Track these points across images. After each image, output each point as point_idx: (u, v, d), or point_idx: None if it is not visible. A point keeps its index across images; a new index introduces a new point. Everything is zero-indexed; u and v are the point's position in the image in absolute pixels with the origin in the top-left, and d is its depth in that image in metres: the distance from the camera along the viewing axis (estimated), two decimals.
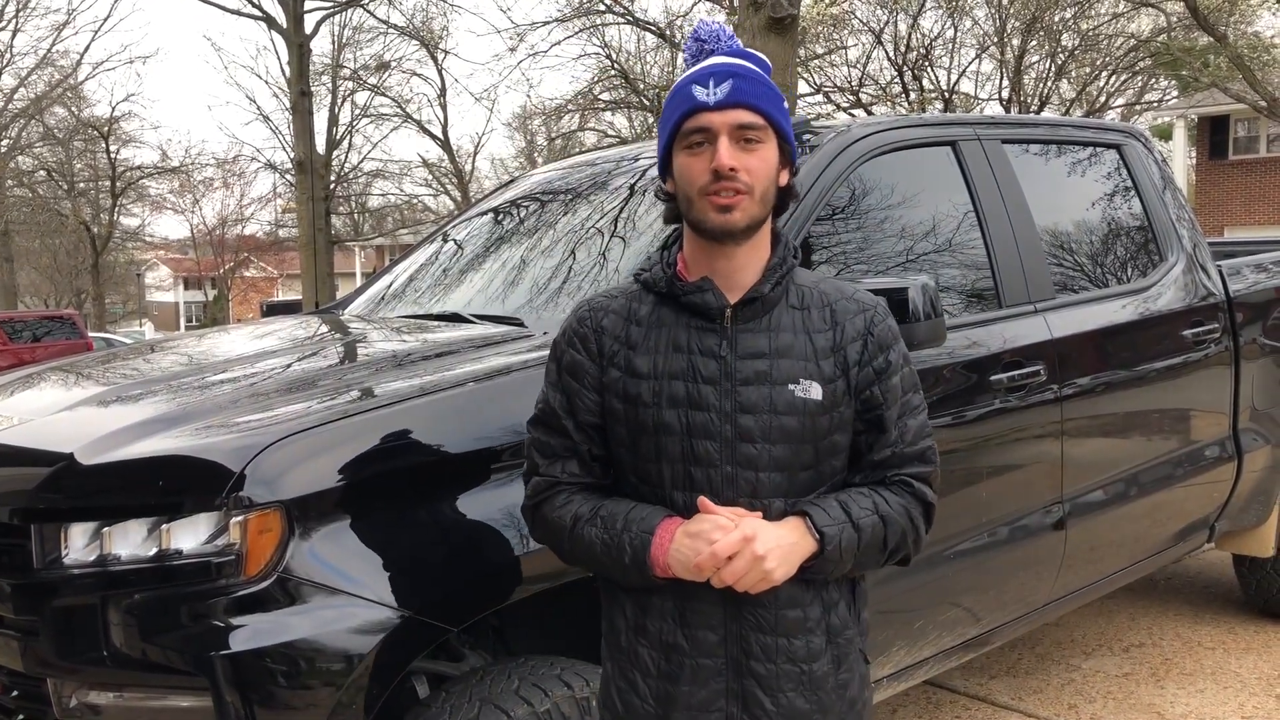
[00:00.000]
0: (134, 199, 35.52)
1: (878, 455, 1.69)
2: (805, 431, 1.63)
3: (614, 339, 1.70)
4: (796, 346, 1.64)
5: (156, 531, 2.04)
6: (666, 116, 1.66)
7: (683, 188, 1.64)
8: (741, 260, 1.66)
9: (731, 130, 1.60)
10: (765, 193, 1.63)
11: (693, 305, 1.66)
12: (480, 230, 3.79)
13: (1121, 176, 3.96)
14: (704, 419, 1.62)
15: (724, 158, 1.58)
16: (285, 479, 2.04)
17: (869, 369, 1.67)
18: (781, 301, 1.67)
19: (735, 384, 1.62)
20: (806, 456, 1.64)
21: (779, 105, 1.66)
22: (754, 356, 1.63)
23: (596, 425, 1.71)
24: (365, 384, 2.40)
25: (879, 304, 1.72)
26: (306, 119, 18.60)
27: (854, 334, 1.67)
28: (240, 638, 1.99)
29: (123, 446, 2.15)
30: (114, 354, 3.35)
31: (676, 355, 1.65)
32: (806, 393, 1.62)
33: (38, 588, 2.09)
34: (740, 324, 1.65)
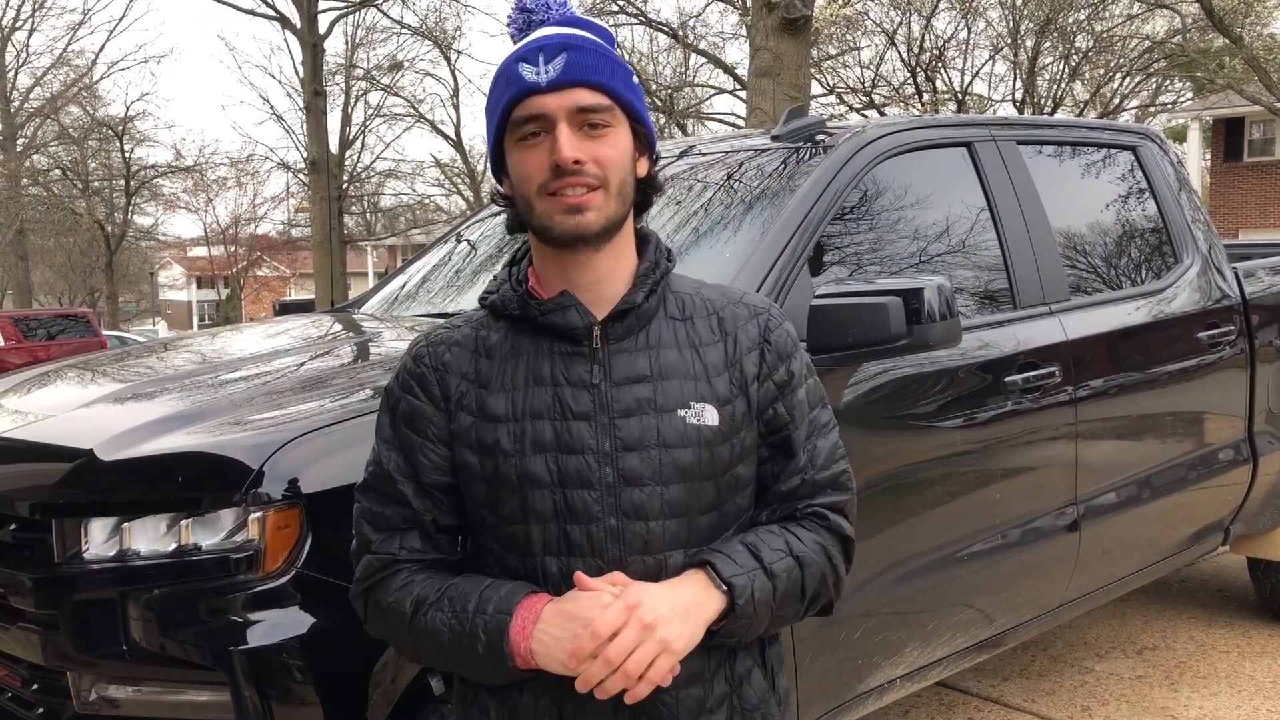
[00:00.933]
0: (148, 198, 35.69)
1: (785, 484, 1.44)
2: (703, 466, 1.37)
3: (460, 377, 1.41)
4: (683, 364, 1.39)
5: (176, 527, 2.05)
6: (492, 103, 1.39)
7: (520, 189, 1.37)
8: (603, 269, 1.39)
9: (571, 114, 1.33)
10: (622, 185, 1.37)
11: (553, 326, 1.38)
12: (494, 230, 3.81)
13: (1137, 178, 3.95)
14: (579, 464, 1.35)
15: (565, 148, 1.32)
16: (303, 476, 2.05)
17: (769, 383, 1.43)
18: (659, 313, 1.42)
19: (614, 416, 1.36)
20: (707, 497, 1.38)
21: (626, 80, 1.39)
22: (634, 381, 1.37)
23: (446, 486, 1.42)
24: (381, 382, 2.41)
25: (771, 307, 1.49)
26: (320, 119, 18.68)
27: (749, 343, 1.43)
28: (258, 633, 2.01)
29: (142, 443, 2.17)
30: (129, 352, 3.37)
31: (539, 389, 1.37)
32: (700, 418, 1.37)
33: (58, 582, 2.10)
34: (613, 343, 1.38)
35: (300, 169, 29.52)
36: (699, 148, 3.57)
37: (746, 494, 1.44)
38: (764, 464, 1.45)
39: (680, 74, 26.80)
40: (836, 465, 1.47)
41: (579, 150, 1.33)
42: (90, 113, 32.26)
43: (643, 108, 1.41)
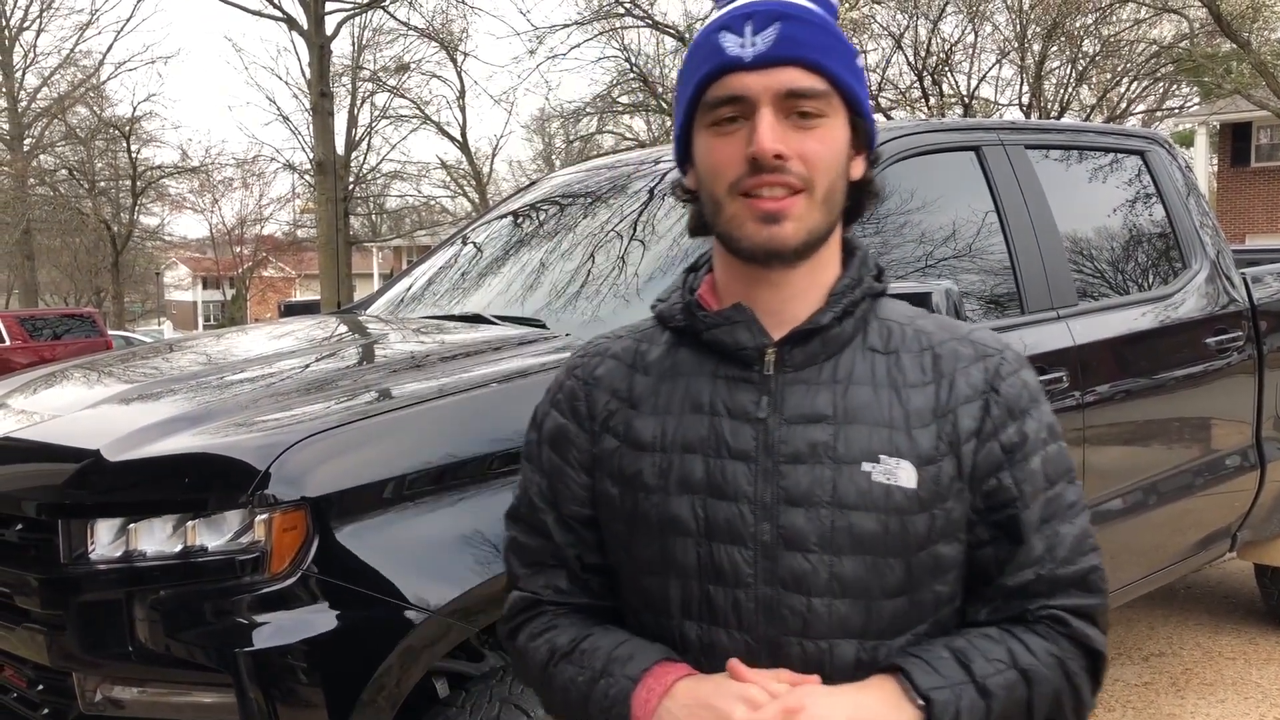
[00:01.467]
0: (154, 198, 35.74)
1: (1013, 578, 1.14)
2: (890, 537, 1.10)
3: (610, 394, 1.22)
4: (877, 407, 1.13)
5: (182, 528, 2.05)
6: (685, 78, 1.17)
7: (706, 184, 1.14)
8: (796, 287, 1.16)
9: (777, 98, 1.10)
10: (830, 191, 1.12)
11: (719, 344, 1.16)
12: (501, 232, 3.81)
13: (1145, 183, 3.94)
14: (730, 513, 1.12)
15: (765, 138, 1.08)
16: (310, 477, 2.05)
17: (993, 445, 1.14)
18: (856, 341, 1.16)
19: (779, 461, 1.12)
20: (893, 577, 1.11)
21: (849, 62, 1.14)
22: (809, 420, 1.12)
23: (588, 519, 1.23)
24: (388, 384, 2.41)
25: (1007, 349, 1.19)
26: (327, 120, 18.68)
27: (969, 390, 1.14)
28: (264, 634, 2.00)
29: (148, 444, 2.17)
30: (135, 352, 3.37)
31: (695, 418, 1.16)
32: (891, 477, 1.10)
33: (64, 583, 2.10)
34: (789, 371, 1.15)
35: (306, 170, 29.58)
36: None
37: (949, 580, 1.15)
38: (982, 547, 1.15)
39: None
40: (1085, 559, 1.16)
41: (782, 142, 1.09)
42: (97, 113, 32.33)
43: (865, 96, 1.17)
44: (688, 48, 1.23)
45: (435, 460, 2.18)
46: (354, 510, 2.08)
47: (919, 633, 1.14)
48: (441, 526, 2.15)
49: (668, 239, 3.11)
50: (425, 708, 2.22)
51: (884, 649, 1.12)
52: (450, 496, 2.18)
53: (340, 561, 2.05)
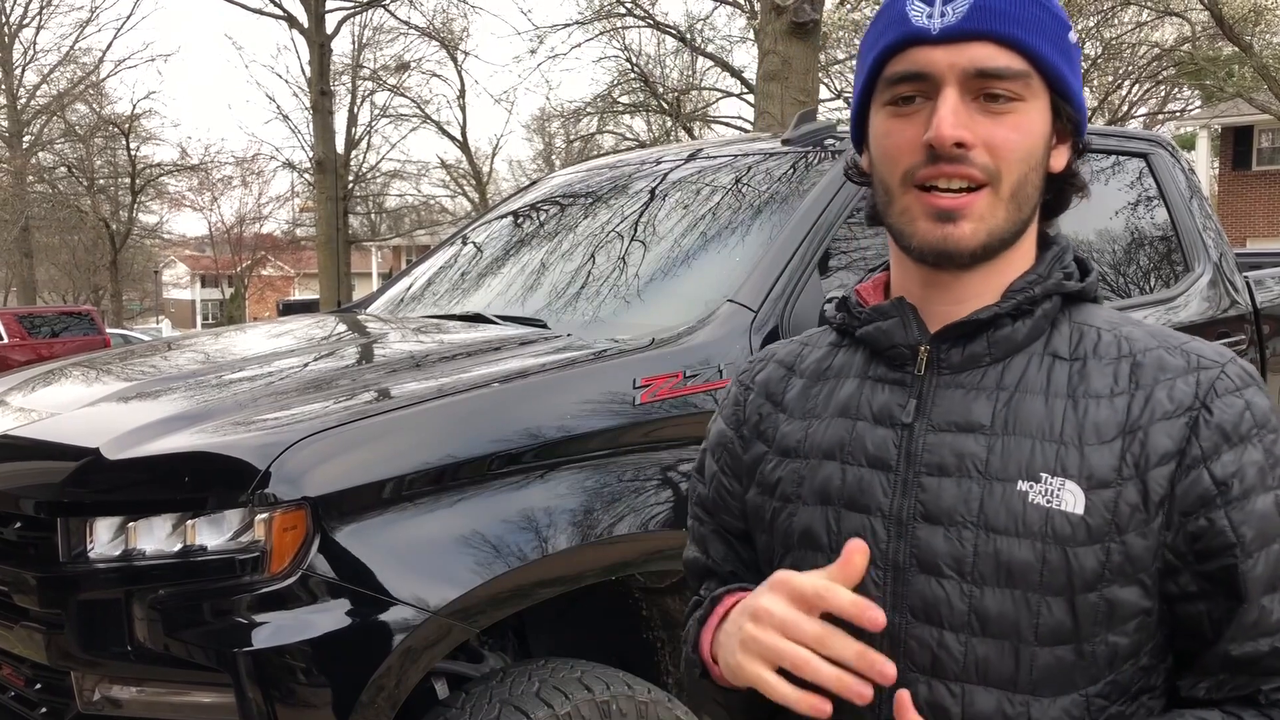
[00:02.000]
0: (153, 196, 35.73)
1: (1239, 648, 0.93)
2: (1049, 571, 0.94)
3: (765, 398, 1.14)
4: (1045, 418, 0.97)
5: (182, 527, 2.04)
6: (865, 49, 1.05)
7: (880, 169, 1.03)
8: (973, 289, 1.03)
9: (965, 77, 0.97)
10: (1020, 185, 0.99)
11: (872, 341, 1.06)
12: (502, 232, 3.80)
13: (1148, 185, 3.93)
14: (859, 526, 1.01)
15: (945, 123, 0.95)
16: (310, 477, 2.04)
17: (1202, 474, 0.94)
18: (1035, 345, 1.02)
19: (920, 472, 0.99)
20: (1052, 620, 0.94)
21: (1057, 38, 1.00)
22: (961, 429, 0.99)
23: (743, 534, 1.15)
24: (388, 384, 2.40)
25: (1230, 364, 0.99)
26: (327, 119, 18.69)
27: (1170, 405, 0.96)
28: (263, 634, 1.99)
29: (148, 442, 2.16)
30: (134, 351, 3.36)
31: (838, 421, 1.06)
32: (1054, 499, 0.94)
33: (63, 581, 2.09)
34: (945, 373, 1.02)
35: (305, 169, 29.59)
36: (707, 151, 3.56)
37: (1129, 632, 0.95)
38: (1190, 601, 0.96)
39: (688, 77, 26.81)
40: None
41: (967, 128, 0.96)
42: (97, 110, 32.32)
43: (1075, 78, 1.02)
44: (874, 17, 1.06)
45: (435, 460, 2.17)
46: (354, 510, 2.07)
47: (1090, 694, 0.95)
48: (441, 527, 2.14)
49: (669, 239, 3.10)
50: (425, 709, 2.21)
51: (1038, 708, 0.95)
52: (450, 497, 2.17)
53: (340, 561, 2.04)
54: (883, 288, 1.11)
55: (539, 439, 2.26)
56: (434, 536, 2.13)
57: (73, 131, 31.71)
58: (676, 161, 3.51)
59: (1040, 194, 1.02)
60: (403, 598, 2.04)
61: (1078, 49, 1.04)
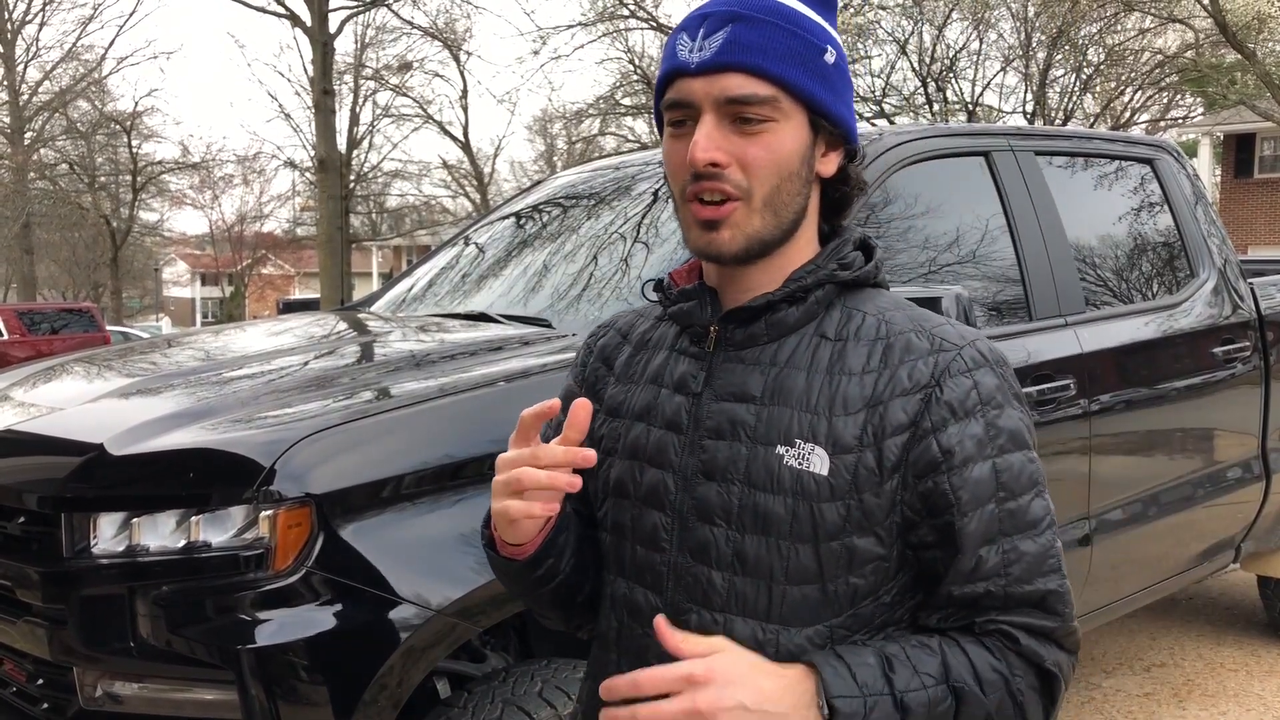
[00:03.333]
0: (154, 194, 35.73)
1: (960, 589, 1.10)
2: (797, 523, 1.09)
3: (602, 362, 1.31)
4: (805, 392, 1.12)
5: (186, 524, 2.04)
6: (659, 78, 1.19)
7: (670, 183, 1.18)
8: (756, 280, 1.18)
9: (719, 105, 1.10)
10: (774, 195, 1.12)
11: (677, 318, 1.22)
12: (506, 232, 3.79)
13: (1153, 191, 3.93)
14: (656, 480, 1.17)
15: (698, 147, 1.09)
16: (315, 474, 2.03)
17: (930, 443, 1.08)
18: (809, 326, 1.16)
19: (703, 435, 1.15)
20: (800, 563, 1.10)
21: (808, 62, 1.12)
22: (736, 398, 1.14)
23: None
24: (392, 382, 2.39)
25: (967, 347, 1.12)
26: (329, 117, 18.65)
27: (907, 383, 1.10)
28: (266, 632, 1.99)
29: (152, 438, 2.16)
30: (136, 347, 3.35)
31: (648, 388, 1.22)
32: (803, 462, 1.09)
33: (66, 577, 2.08)
34: (729, 349, 1.18)
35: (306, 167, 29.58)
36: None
37: (867, 574, 1.11)
38: (928, 549, 1.11)
39: None
40: (1044, 580, 1.09)
41: (719, 149, 1.10)
42: (99, 108, 32.32)
43: (831, 96, 1.14)
44: None
45: (439, 459, 2.16)
46: (358, 508, 2.06)
47: (834, 625, 1.10)
48: (445, 525, 2.14)
49: (673, 240, 3.09)
50: (426, 708, 2.20)
51: (786, 635, 1.10)
52: (454, 495, 2.16)
53: (344, 559, 2.03)
54: (697, 271, 1.25)
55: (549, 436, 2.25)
56: (437, 535, 2.12)
57: (74, 128, 31.70)
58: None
59: (803, 199, 1.16)
60: (406, 596, 2.04)
61: (838, 65, 1.16)
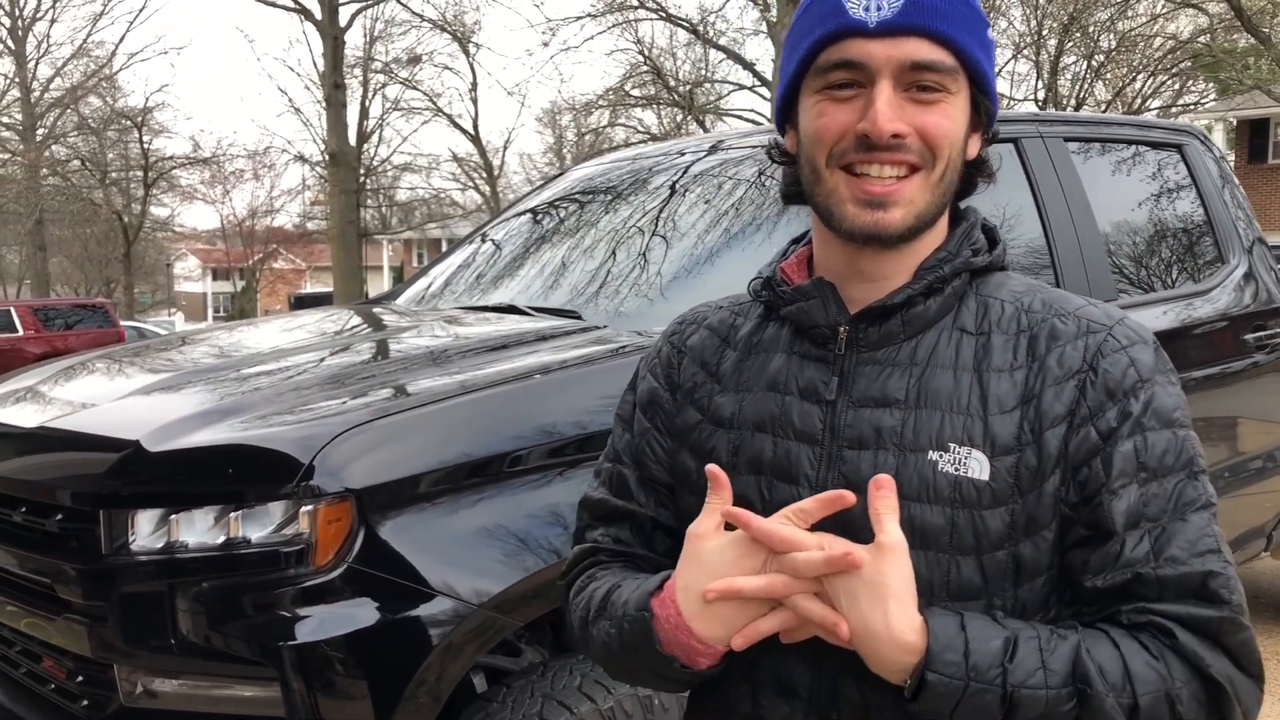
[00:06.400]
0: (165, 189, 35.80)
1: (1105, 579, 1.00)
2: (959, 534, 1.01)
3: (699, 366, 1.19)
4: (955, 392, 1.04)
5: (225, 520, 2.03)
6: (796, 36, 1.08)
7: (809, 149, 1.07)
8: (892, 266, 1.09)
9: (899, 71, 1.02)
10: (948, 169, 1.05)
11: (795, 320, 1.12)
12: (531, 223, 3.77)
13: (1183, 176, 3.89)
14: (788, 497, 1.05)
15: (883, 116, 1.00)
16: (355, 468, 2.02)
17: (1089, 431, 1.01)
18: (947, 319, 1.08)
19: (842, 445, 1.06)
20: (963, 578, 1.02)
21: (981, 35, 1.06)
22: (878, 404, 1.05)
23: (668, 486, 1.20)
24: (429, 375, 2.37)
25: (1118, 325, 1.06)
26: (340, 111, 18.66)
27: (1060, 371, 1.03)
28: (308, 628, 1.98)
29: (190, 434, 2.14)
30: (162, 343, 3.35)
31: (768, 396, 1.11)
32: (961, 467, 1.01)
33: (105, 573, 2.07)
34: (863, 350, 1.08)
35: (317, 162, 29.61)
36: (730, 142, 3.52)
37: (1036, 587, 1.03)
38: (1079, 549, 1.02)
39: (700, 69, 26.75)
40: (1202, 560, 0.98)
41: (901, 118, 1.02)
42: (110, 104, 32.37)
43: (993, 73, 1.09)
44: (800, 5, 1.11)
45: (478, 452, 2.15)
46: (398, 502, 2.05)
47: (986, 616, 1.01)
48: (486, 519, 2.12)
49: (701, 231, 3.07)
50: (463, 702, 2.19)
51: None
52: (494, 489, 2.15)
53: (385, 554, 2.02)
54: (806, 264, 1.17)
55: (582, 431, 2.24)
56: (479, 529, 2.11)
57: (86, 124, 31.75)
58: (696, 154, 3.48)
59: (958, 180, 1.09)
60: (446, 591, 2.03)
61: (993, 45, 1.11)
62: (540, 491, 2.18)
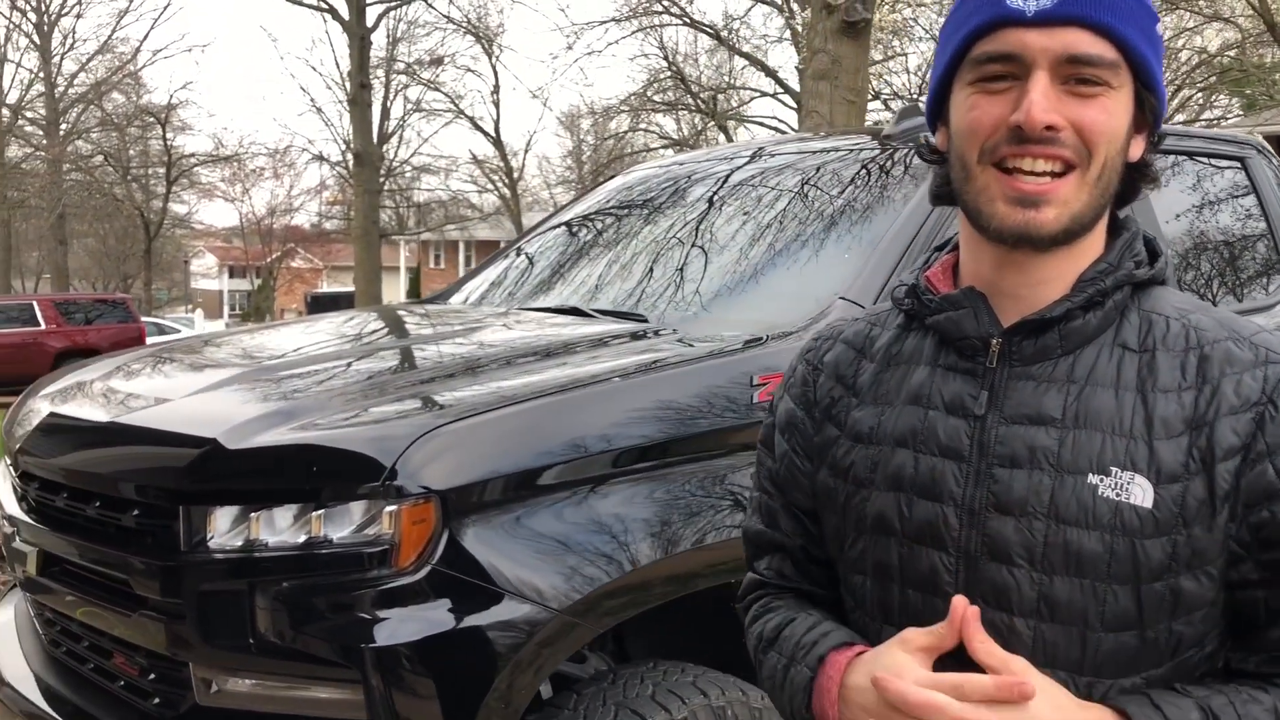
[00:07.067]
0: (186, 186, 35.95)
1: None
2: (1117, 562, 0.97)
3: (836, 380, 1.16)
4: (1116, 412, 0.99)
5: (306, 519, 2.00)
6: (950, 29, 1.05)
7: (959, 145, 1.03)
8: (1047, 272, 1.04)
9: (1056, 63, 0.97)
10: (1106, 169, 0.99)
11: (942, 330, 1.08)
12: (587, 225, 3.75)
13: (1245, 188, 3.85)
14: (932, 514, 1.03)
15: (1037, 107, 0.96)
16: (439, 469, 1.99)
17: (1266, 468, 0.96)
18: (1105, 335, 1.03)
19: (992, 463, 1.01)
20: (1119, 608, 0.97)
21: (1148, 27, 1.01)
22: (1033, 421, 1.01)
23: (813, 511, 1.18)
24: (507, 376, 2.34)
25: None
26: (365, 111, 18.71)
27: (1236, 400, 0.98)
28: (390, 630, 1.95)
29: (267, 431, 2.11)
30: (224, 338, 3.33)
31: (910, 409, 1.07)
32: (1123, 492, 0.97)
33: (184, 571, 2.05)
34: (1016, 364, 1.03)
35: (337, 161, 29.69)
36: (803, 146, 3.49)
37: (1195, 621, 0.99)
38: (1248, 588, 0.99)
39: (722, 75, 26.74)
40: None
41: (1057, 111, 0.97)
42: (134, 100, 32.53)
43: (1159, 68, 1.03)
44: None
45: (560, 455, 2.12)
46: (481, 505, 2.02)
47: (1152, 676, 0.98)
48: (567, 522, 2.09)
49: (767, 234, 3.04)
50: (530, 708, 2.16)
51: (1102, 689, 0.98)
52: (574, 492, 2.12)
53: (467, 557, 1.99)
54: (951, 271, 1.12)
55: (666, 435, 2.20)
56: (560, 533, 2.08)
57: (109, 120, 31.90)
58: (773, 155, 3.45)
59: (1118, 181, 1.03)
60: (533, 595, 2.00)
61: (1162, 40, 1.04)
62: (622, 496, 2.15)
